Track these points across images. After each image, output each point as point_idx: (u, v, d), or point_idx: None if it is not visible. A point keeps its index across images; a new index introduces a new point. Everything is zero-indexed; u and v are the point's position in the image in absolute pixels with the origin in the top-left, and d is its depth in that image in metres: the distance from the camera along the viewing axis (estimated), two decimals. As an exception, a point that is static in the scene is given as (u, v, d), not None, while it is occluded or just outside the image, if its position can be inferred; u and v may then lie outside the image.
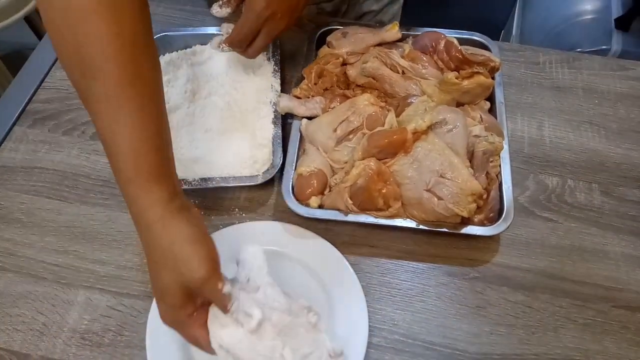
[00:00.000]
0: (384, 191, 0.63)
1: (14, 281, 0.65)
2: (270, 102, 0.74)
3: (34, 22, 1.60)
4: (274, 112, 0.73)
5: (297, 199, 0.65)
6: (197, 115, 0.75)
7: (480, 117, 0.69)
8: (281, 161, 0.68)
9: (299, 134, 0.71)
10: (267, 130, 0.72)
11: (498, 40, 1.47)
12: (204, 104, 0.76)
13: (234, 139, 0.73)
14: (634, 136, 0.78)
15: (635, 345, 0.61)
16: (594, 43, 1.33)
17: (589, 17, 1.38)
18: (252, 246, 0.56)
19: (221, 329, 0.50)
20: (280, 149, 0.69)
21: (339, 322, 0.60)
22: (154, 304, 0.61)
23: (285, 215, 0.68)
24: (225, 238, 0.66)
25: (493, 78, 0.75)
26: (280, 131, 0.71)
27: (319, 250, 0.65)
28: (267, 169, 0.68)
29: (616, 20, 1.32)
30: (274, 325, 0.50)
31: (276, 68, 0.78)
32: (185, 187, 0.67)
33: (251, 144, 0.72)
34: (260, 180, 0.67)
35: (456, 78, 0.68)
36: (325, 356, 0.51)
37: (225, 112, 0.75)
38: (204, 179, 0.68)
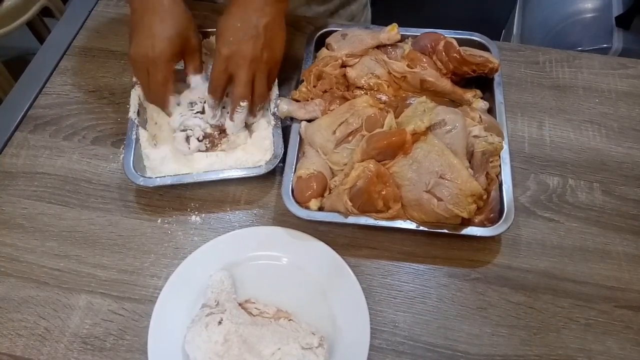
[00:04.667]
0: (383, 193, 0.63)
1: (16, 286, 0.65)
2: (270, 105, 0.74)
3: (36, 28, 1.61)
4: (274, 115, 0.73)
5: (297, 202, 0.65)
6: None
7: (480, 117, 0.68)
8: (282, 154, 0.68)
9: (299, 137, 0.71)
10: (267, 133, 0.72)
11: (499, 39, 1.47)
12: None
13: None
14: (635, 135, 0.77)
15: (638, 345, 0.61)
16: (594, 41, 1.32)
17: (590, 15, 1.38)
18: (219, 272, 0.63)
19: (197, 350, 0.57)
20: (280, 152, 0.69)
21: (341, 325, 0.60)
22: (156, 309, 0.61)
23: (286, 218, 0.68)
24: (225, 244, 0.66)
25: (492, 79, 0.75)
26: (280, 134, 0.71)
27: (319, 254, 0.65)
28: (270, 159, 0.69)
29: (617, 18, 1.31)
30: (239, 336, 0.57)
31: (275, 71, 0.78)
32: (188, 181, 0.68)
33: (251, 147, 0.72)
34: (264, 171, 0.67)
35: None
36: (297, 348, 0.56)
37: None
38: (207, 172, 0.68)
